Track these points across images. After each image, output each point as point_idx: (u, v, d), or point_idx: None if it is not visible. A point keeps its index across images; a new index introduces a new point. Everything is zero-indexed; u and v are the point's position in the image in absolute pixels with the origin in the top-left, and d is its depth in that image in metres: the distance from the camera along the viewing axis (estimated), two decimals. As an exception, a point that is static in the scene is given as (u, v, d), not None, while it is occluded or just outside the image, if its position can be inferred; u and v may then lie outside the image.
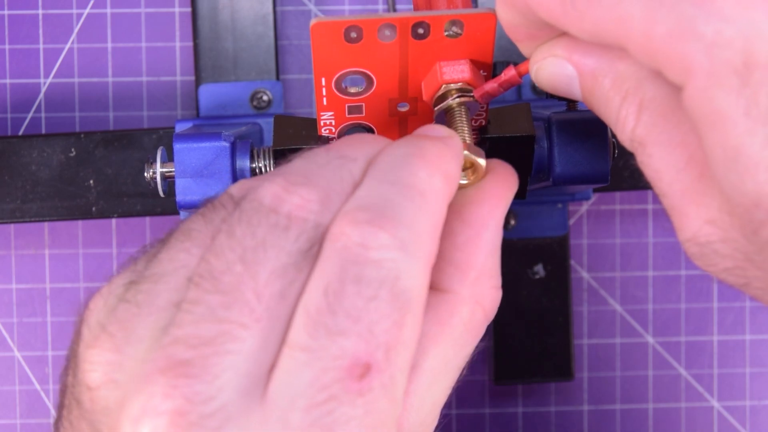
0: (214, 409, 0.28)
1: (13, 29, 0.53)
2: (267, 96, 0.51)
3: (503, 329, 0.52)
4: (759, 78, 0.28)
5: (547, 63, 0.34)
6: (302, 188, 0.30)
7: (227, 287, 0.29)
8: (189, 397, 0.28)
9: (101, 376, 0.30)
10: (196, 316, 0.28)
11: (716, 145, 0.28)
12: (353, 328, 0.28)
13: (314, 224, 0.30)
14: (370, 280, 0.29)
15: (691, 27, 0.28)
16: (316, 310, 0.29)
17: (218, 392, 0.28)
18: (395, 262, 0.29)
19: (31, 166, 0.48)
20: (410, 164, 0.31)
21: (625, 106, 0.32)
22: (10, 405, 0.54)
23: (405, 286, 0.29)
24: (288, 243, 0.29)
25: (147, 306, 0.30)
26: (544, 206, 0.52)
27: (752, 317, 0.55)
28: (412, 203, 0.30)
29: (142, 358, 0.29)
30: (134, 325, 0.30)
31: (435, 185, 0.31)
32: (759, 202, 0.28)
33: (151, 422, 0.28)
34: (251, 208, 0.30)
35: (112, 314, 0.30)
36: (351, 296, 0.28)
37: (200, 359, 0.28)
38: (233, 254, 0.29)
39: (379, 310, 0.29)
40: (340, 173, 0.31)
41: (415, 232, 0.30)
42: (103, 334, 0.30)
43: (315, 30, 0.35)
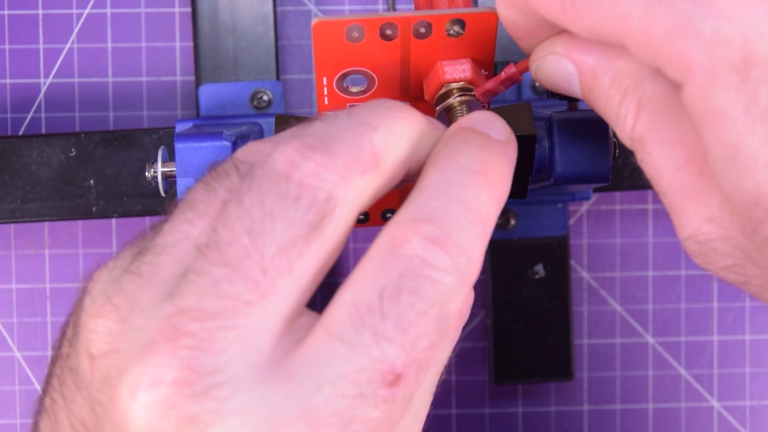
0: (221, 380, 0.28)
1: (13, 29, 0.53)
2: (267, 96, 0.51)
3: (503, 329, 0.52)
4: (758, 75, 0.28)
5: (547, 61, 0.34)
6: (318, 154, 0.30)
7: (233, 260, 0.28)
8: (195, 367, 0.28)
9: (104, 346, 0.29)
10: (200, 288, 0.28)
11: (715, 143, 0.29)
12: (399, 338, 0.29)
13: (327, 195, 0.30)
14: (426, 297, 0.29)
15: (690, 25, 0.28)
16: (367, 309, 0.29)
17: (226, 365, 0.28)
18: (450, 286, 0.29)
19: (31, 166, 0.48)
20: (476, 183, 0.31)
21: (624, 104, 0.32)
22: (10, 405, 0.54)
23: (451, 311, 0.30)
24: (298, 214, 0.29)
25: (150, 277, 0.30)
26: (544, 206, 0.52)
27: (752, 317, 0.55)
28: (474, 230, 0.30)
29: (145, 327, 0.29)
30: (138, 296, 0.29)
31: (493, 211, 0.31)
32: (758, 199, 0.28)
33: (154, 391, 0.28)
34: (263, 174, 0.30)
35: (117, 285, 0.30)
36: (405, 306, 0.29)
37: (206, 332, 0.28)
38: (241, 225, 0.29)
39: (425, 327, 0.29)
40: (360, 141, 0.31)
41: (471, 260, 0.30)
42: (108, 304, 0.30)
43: (316, 29, 0.35)
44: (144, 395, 0.28)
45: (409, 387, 0.29)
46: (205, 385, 0.28)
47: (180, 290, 0.29)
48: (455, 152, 0.32)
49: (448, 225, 0.30)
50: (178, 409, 0.27)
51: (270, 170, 0.30)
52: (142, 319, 0.29)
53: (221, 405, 0.28)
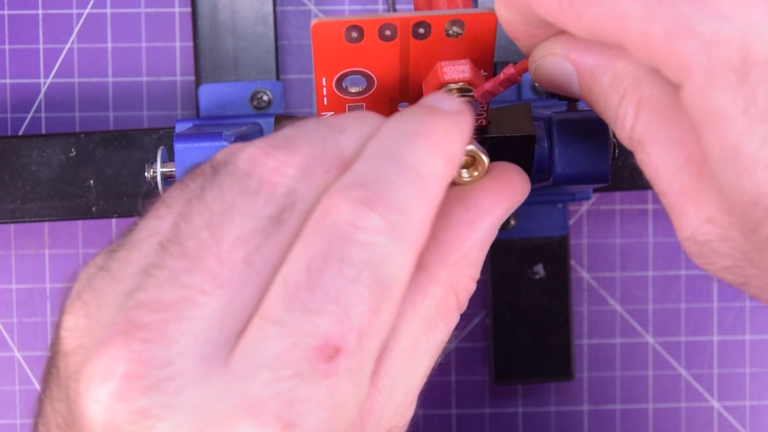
0: (171, 373, 0.27)
1: (13, 29, 0.53)
2: (267, 96, 0.51)
3: (503, 329, 0.52)
4: (757, 76, 0.28)
5: (546, 61, 0.34)
6: (280, 152, 0.30)
7: (191, 252, 0.28)
8: (146, 360, 0.27)
9: (73, 342, 0.30)
10: (160, 280, 0.28)
11: (714, 144, 0.28)
12: (330, 308, 0.28)
13: (287, 189, 0.29)
14: (354, 262, 0.28)
15: (689, 25, 0.28)
16: (295, 285, 0.28)
17: (177, 357, 0.28)
18: (381, 247, 0.28)
19: (31, 166, 0.48)
20: (414, 143, 0.30)
21: (623, 105, 0.32)
22: (10, 405, 0.54)
23: (387, 272, 0.29)
24: (257, 208, 0.29)
25: (119, 273, 0.30)
26: (544, 206, 0.52)
27: (752, 317, 0.55)
28: (411, 187, 0.29)
29: (107, 323, 0.29)
30: (106, 292, 0.30)
31: (436, 169, 0.30)
32: (757, 200, 0.28)
33: (107, 384, 0.27)
34: (226, 172, 0.30)
35: (89, 282, 0.30)
36: (332, 275, 0.28)
37: (159, 324, 0.28)
38: (201, 219, 0.29)
39: (358, 293, 0.28)
40: (325, 142, 0.30)
41: (408, 217, 0.29)
42: (78, 301, 0.30)
43: (316, 30, 0.35)
44: (97, 389, 0.28)
45: (353, 357, 0.28)
46: (156, 378, 0.27)
47: (141, 285, 0.29)
48: (399, 118, 0.31)
49: (378, 185, 0.29)
50: (129, 402, 0.27)
51: (234, 168, 0.30)
52: (107, 314, 0.29)
53: (170, 399, 0.27)
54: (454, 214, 0.33)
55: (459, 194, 0.33)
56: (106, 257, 0.31)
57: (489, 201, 0.34)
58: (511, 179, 0.34)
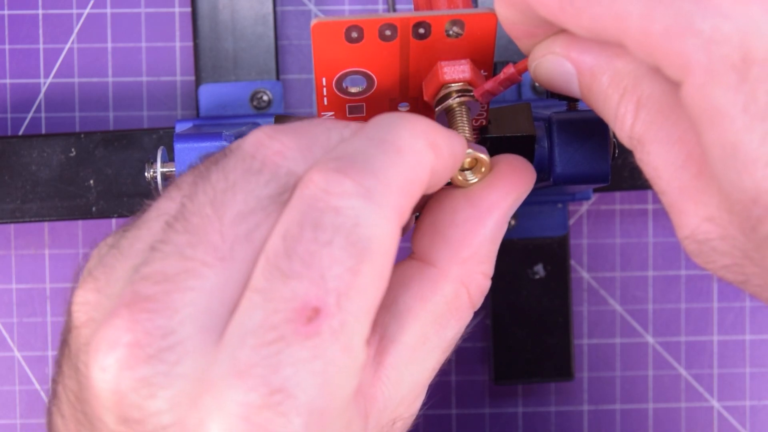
0: (172, 342, 0.28)
1: (13, 29, 0.53)
2: (267, 96, 0.51)
3: (503, 329, 0.52)
4: (757, 74, 0.28)
5: (546, 60, 0.34)
6: (285, 136, 0.31)
7: (195, 228, 0.29)
8: (149, 330, 0.28)
9: (83, 315, 0.31)
10: (164, 254, 0.29)
11: (714, 142, 0.28)
12: (305, 273, 0.28)
13: (288, 170, 0.30)
14: (327, 226, 0.29)
15: (689, 23, 0.28)
16: (274, 254, 0.29)
17: (178, 326, 0.28)
18: (355, 209, 0.29)
19: (31, 166, 0.48)
20: (396, 125, 0.31)
21: (623, 104, 0.32)
22: (10, 405, 0.54)
23: (363, 234, 0.29)
24: (257, 187, 0.30)
25: (127, 249, 0.31)
26: (544, 206, 0.52)
27: (752, 317, 0.55)
28: (386, 156, 0.30)
29: (116, 296, 0.30)
30: (115, 268, 0.31)
31: (416, 145, 0.31)
32: (757, 198, 0.28)
33: (113, 353, 0.28)
34: (232, 154, 0.31)
35: (100, 260, 0.31)
36: (307, 241, 0.29)
37: (162, 294, 0.29)
38: (205, 197, 0.30)
39: (332, 255, 0.29)
40: (329, 133, 0.31)
41: (382, 182, 0.29)
42: (89, 276, 0.31)
43: (316, 30, 0.35)
44: (104, 357, 0.28)
45: (334, 317, 0.28)
46: (158, 347, 0.28)
47: (147, 259, 0.29)
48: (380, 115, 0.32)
49: (354, 157, 0.30)
50: (133, 370, 0.28)
51: (239, 150, 0.31)
52: (116, 288, 0.30)
53: (171, 368, 0.28)
54: (461, 210, 0.33)
55: (465, 192, 0.34)
56: (117, 236, 0.32)
57: (494, 195, 0.34)
58: (514, 171, 0.35)
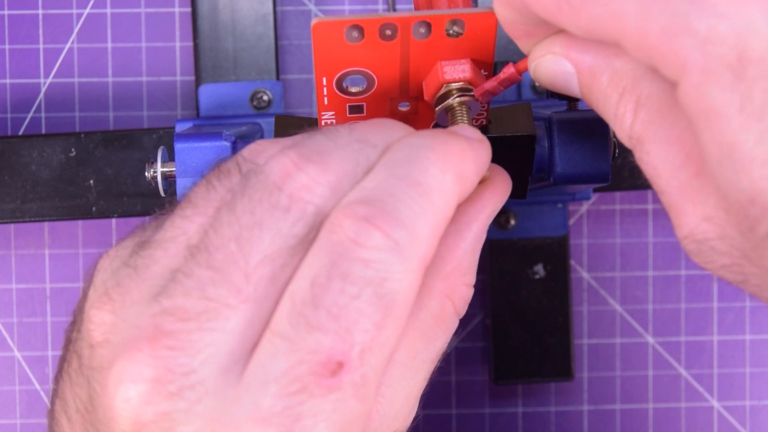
0: (194, 381, 0.29)
1: (13, 29, 0.53)
2: (267, 96, 0.51)
3: (503, 329, 0.52)
4: (753, 74, 0.27)
5: (545, 60, 0.34)
6: (313, 167, 0.30)
7: (219, 264, 0.29)
8: (171, 368, 0.29)
9: (99, 336, 0.31)
10: (186, 288, 0.29)
11: (711, 142, 0.28)
12: (332, 326, 0.28)
13: (316, 209, 0.30)
14: (355, 278, 0.29)
15: (685, 23, 0.28)
16: (301, 301, 0.29)
17: (200, 366, 0.29)
18: (384, 263, 0.29)
19: (31, 166, 0.48)
20: (423, 158, 0.31)
21: (622, 103, 0.32)
22: (10, 405, 0.54)
23: (391, 288, 0.29)
24: (286, 226, 0.30)
25: (144, 271, 0.30)
26: (544, 206, 0.52)
27: (752, 317, 0.55)
28: (416, 203, 0.30)
29: (133, 323, 0.30)
30: (131, 289, 0.30)
31: (445, 185, 0.31)
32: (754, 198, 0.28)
33: (135, 387, 0.29)
34: (257, 182, 0.30)
35: (114, 277, 0.31)
36: (335, 292, 0.29)
37: (185, 333, 0.29)
38: (230, 231, 0.30)
39: (360, 310, 0.29)
40: (357, 157, 0.31)
41: (412, 233, 0.29)
42: (105, 296, 0.31)
43: (316, 30, 0.35)
44: (126, 390, 0.29)
45: (357, 372, 0.29)
46: (180, 385, 0.29)
47: (168, 290, 0.29)
48: (415, 135, 0.32)
49: (383, 201, 0.29)
50: (155, 405, 0.29)
51: (265, 179, 0.30)
52: (132, 313, 0.30)
53: (191, 406, 0.29)
54: None
55: None
56: (132, 253, 0.31)
57: (472, 209, 0.34)
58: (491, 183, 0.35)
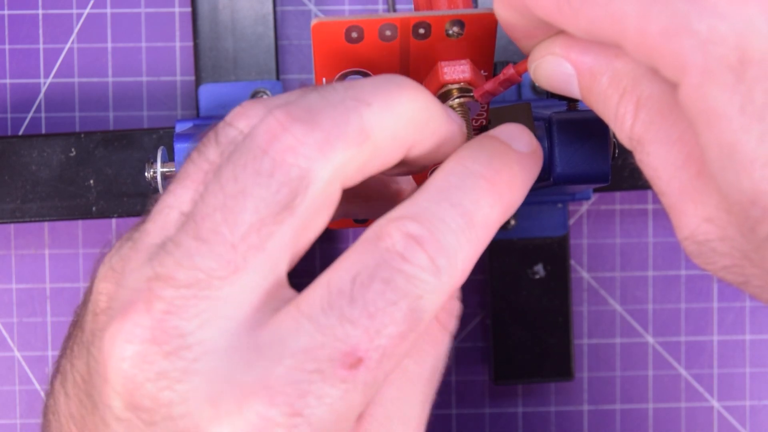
0: (191, 342, 0.29)
1: (13, 29, 0.53)
2: (267, 96, 0.51)
3: (503, 329, 0.52)
4: (754, 74, 0.27)
5: (546, 61, 0.34)
6: (299, 126, 0.30)
7: (206, 234, 0.30)
8: (166, 329, 0.29)
9: (103, 304, 0.32)
10: (176, 258, 0.30)
11: (712, 142, 0.28)
12: (364, 322, 0.29)
13: (301, 171, 0.30)
14: (397, 288, 0.30)
15: (685, 24, 0.28)
16: (338, 291, 0.29)
17: (197, 329, 0.29)
18: (424, 282, 0.30)
19: (31, 166, 0.48)
20: (477, 188, 0.32)
21: (623, 104, 0.32)
22: (10, 405, 0.54)
23: (423, 307, 0.30)
24: (269, 193, 0.30)
25: (140, 242, 0.31)
26: (544, 206, 0.52)
27: (752, 317, 0.55)
28: (463, 234, 0.31)
29: (130, 287, 0.30)
30: (130, 259, 0.31)
31: (491, 219, 0.32)
32: (755, 199, 0.28)
33: (131, 345, 0.29)
34: (243, 145, 0.30)
35: (119, 251, 0.32)
36: (376, 293, 0.29)
37: (179, 299, 0.29)
38: (215, 200, 0.30)
39: (393, 316, 0.29)
40: (348, 115, 0.31)
41: (453, 263, 0.31)
42: (110, 268, 0.32)
43: (316, 30, 0.35)
44: (121, 349, 0.29)
45: (371, 372, 0.29)
46: (176, 345, 0.29)
47: (159, 257, 0.30)
48: (466, 156, 0.32)
49: (434, 225, 0.31)
50: (151, 364, 0.29)
51: (250, 142, 0.30)
52: (130, 279, 0.31)
53: (189, 365, 0.29)
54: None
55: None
56: (134, 229, 0.32)
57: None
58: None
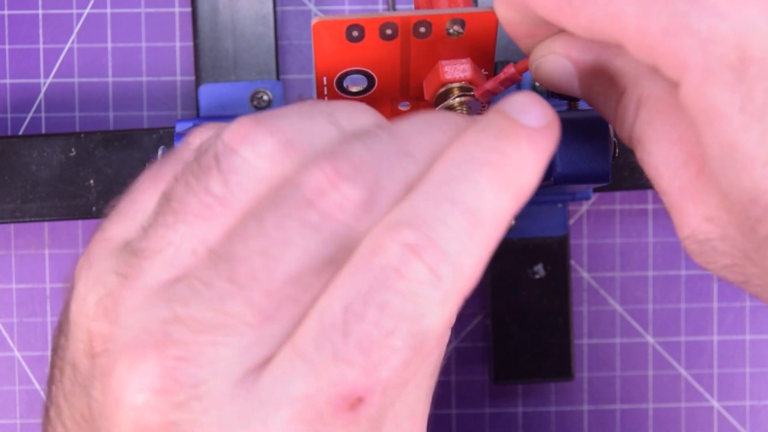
0: (202, 393, 0.27)
1: (13, 29, 0.53)
2: (267, 96, 0.51)
3: (503, 329, 0.52)
4: (754, 73, 0.27)
5: (546, 60, 0.34)
6: (349, 185, 0.28)
7: (242, 279, 0.27)
8: (178, 378, 0.27)
9: (98, 346, 0.29)
10: (204, 299, 0.28)
11: (712, 141, 0.28)
12: (360, 360, 0.27)
13: (348, 230, 0.28)
14: (393, 312, 0.27)
15: (686, 23, 0.28)
16: (330, 324, 0.27)
17: (210, 377, 0.27)
18: (426, 299, 0.27)
19: (31, 166, 0.48)
20: (480, 176, 0.28)
21: (623, 103, 0.32)
22: (10, 405, 0.54)
23: (427, 327, 0.27)
24: (314, 245, 0.28)
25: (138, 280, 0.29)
26: (544, 206, 0.52)
27: (752, 317, 0.55)
28: (467, 234, 0.28)
29: (137, 328, 0.28)
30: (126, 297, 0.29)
31: (501, 208, 0.28)
32: (756, 198, 0.28)
33: (140, 395, 0.27)
34: (287, 193, 0.28)
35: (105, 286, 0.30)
36: (369, 324, 0.27)
37: (197, 345, 0.27)
38: (256, 245, 0.28)
39: (391, 346, 0.27)
40: (395, 173, 0.28)
41: (458, 270, 0.27)
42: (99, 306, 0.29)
43: (316, 29, 0.35)
44: (131, 397, 0.27)
45: (375, 407, 0.27)
46: (187, 396, 0.27)
47: (180, 295, 0.28)
48: (467, 140, 0.29)
49: (432, 229, 0.27)
50: (160, 414, 0.27)
51: (295, 191, 0.28)
52: (132, 319, 0.28)
53: (198, 417, 0.27)
54: None
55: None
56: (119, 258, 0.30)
57: None
58: None
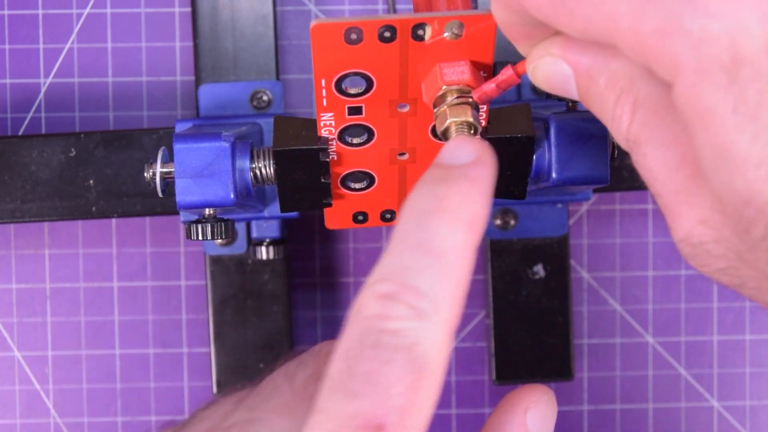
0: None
1: (13, 29, 0.53)
2: (267, 96, 0.51)
3: (503, 329, 0.52)
4: (746, 74, 0.27)
5: (543, 62, 0.33)
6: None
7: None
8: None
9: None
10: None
11: (705, 143, 0.28)
12: (369, 390, 0.29)
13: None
14: (387, 346, 0.29)
15: (678, 23, 0.28)
16: (337, 373, 0.29)
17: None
18: (413, 330, 0.29)
19: (31, 166, 0.48)
20: (431, 222, 0.31)
21: (619, 105, 0.32)
22: (10, 405, 0.54)
23: (422, 352, 0.29)
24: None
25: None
26: (544, 206, 0.52)
27: (752, 317, 0.55)
28: (433, 269, 0.30)
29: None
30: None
31: (456, 241, 0.31)
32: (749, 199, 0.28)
33: None
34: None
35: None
36: (368, 359, 0.29)
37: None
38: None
39: (394, 373, 0.29)
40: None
41: (434, 300, 0.30)
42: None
43: (315, 31, 0.35)
44: None
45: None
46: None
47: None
48: (413, 199, 0.32)
49: (402, 276, 0.30)
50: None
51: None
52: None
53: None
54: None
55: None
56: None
57: None
58: None
